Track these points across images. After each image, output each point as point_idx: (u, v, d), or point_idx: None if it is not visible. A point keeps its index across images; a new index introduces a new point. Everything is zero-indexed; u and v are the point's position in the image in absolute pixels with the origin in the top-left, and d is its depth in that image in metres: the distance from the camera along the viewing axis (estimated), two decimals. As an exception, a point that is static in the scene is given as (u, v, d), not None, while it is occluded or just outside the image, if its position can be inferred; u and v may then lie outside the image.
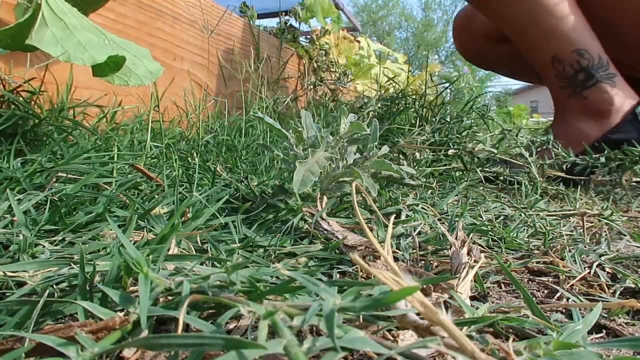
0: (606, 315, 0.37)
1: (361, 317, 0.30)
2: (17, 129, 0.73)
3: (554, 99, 1.31)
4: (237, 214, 0.57)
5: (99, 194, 0.56)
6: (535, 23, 1.21)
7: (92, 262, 0.33)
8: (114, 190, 0.58)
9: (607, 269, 0.50)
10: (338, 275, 0.44)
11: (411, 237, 0.54)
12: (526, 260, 0.50)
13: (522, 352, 0.24)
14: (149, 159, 0.83)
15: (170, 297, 0.30)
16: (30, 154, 0.68)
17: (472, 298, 0.40)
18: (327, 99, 2.12)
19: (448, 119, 1.34)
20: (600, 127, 1.17)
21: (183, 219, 0.52)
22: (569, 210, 0.80)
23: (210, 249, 0.46)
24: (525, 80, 1.88)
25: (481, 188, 1.00)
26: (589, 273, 0.47)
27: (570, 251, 0.53)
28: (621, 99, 1.17)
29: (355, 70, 2.75)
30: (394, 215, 0.60)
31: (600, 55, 1.17)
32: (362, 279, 0.42)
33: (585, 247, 0.57)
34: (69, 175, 0.60)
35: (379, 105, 1.53)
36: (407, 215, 0.63)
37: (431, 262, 0.49)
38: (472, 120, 1.31)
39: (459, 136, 1.22)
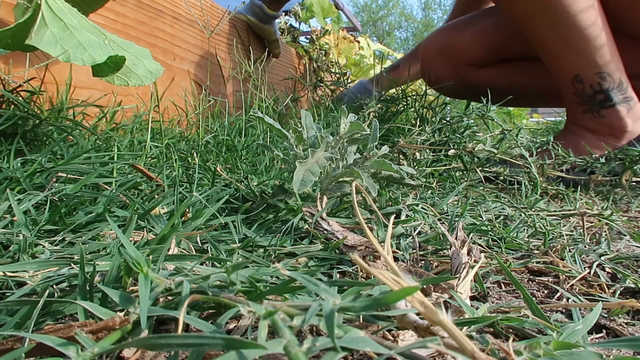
0: (606, 315, 0.37)
1: (361, 317, 0.30)
2: (17, 129, 0.73)
3: (567, 111, 1.31)
4: (237, 214, 0.57)
5: (99, 194, 0.56)
6: (561, 39, 1.17)
7: (92, 262, 0.33)
8: (114, 190, 0.58)
9: (607, 269, 0.50)
10: (338, 275, 0.44)
11: (411, 237, 0.54)
12: (526, 260, 0.50)
13: (522, 352, 0.24)
14: (149, 159, 0.83)
15: (170, 297, 0.30)
16: (30, 154, 0.68)
17: (472, 298, 0.40)
18: (327, 99, 2.12)
19: (448, 119, 1.35)
20: (611, 146, 1.19)
21: (183, 219, 0.52)
22: (569, 210, 0.80)
23: (210, 249, 0.46)
24: (514, 105, 1.78)
25: (481, 188, 1.00)
26: (589, 273, 0.47)
27: (570, 251, 0.53)
28: (634, 122, 1.20)
29: (355, 70, 2.75)
30: (394, 215, 0.61)
31: (621, 78, 1.18)
32: (362, 279, 0.42)
33: (585, 247, 0.57)
34: (69, 175, 0.60)
35: (379, 105, 1.53)
36: (407, 215, 0.63)
37: (431, 262, 0.49)
38: (472, 120, 1.30)
39: (459, 136, 1.22)
